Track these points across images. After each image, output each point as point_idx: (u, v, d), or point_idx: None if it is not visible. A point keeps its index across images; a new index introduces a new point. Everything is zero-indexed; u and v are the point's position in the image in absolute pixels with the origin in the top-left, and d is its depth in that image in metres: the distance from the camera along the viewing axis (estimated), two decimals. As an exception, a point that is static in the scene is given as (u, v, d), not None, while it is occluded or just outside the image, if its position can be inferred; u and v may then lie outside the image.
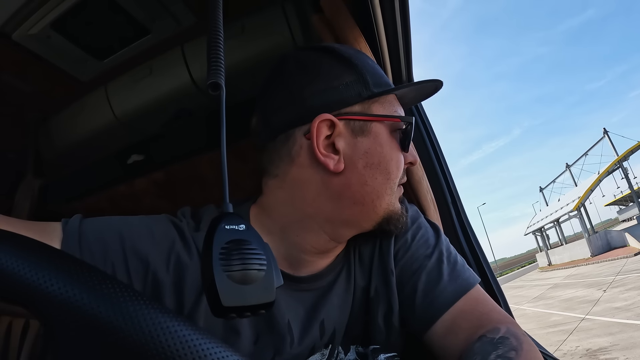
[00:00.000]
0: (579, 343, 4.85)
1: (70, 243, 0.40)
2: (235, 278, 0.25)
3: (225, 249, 0.26)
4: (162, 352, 0.21)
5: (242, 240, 0.27)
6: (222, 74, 0.31)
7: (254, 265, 0.26)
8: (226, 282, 0.24)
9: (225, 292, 0.24)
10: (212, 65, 0.31)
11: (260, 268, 0.26)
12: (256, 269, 0.26)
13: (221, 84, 0.31)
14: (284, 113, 0.47)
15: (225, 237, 0.26)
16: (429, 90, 0.55)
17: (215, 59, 0.31)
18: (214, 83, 0.31)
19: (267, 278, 0.26)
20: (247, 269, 0.26)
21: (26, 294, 0.22)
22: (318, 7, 0.72)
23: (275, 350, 0.48)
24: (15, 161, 1.01)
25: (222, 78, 0.31)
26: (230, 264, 0.25)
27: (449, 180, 0.94)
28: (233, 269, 0.25)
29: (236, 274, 0.25)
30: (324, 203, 0.48)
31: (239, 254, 0.26)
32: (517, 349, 0.41)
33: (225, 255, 0.25)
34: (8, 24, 0.66)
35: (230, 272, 0.25)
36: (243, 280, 0.25)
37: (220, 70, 0.31)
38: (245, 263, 0.26)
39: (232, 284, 0.25)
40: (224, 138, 0.30)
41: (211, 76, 0.31)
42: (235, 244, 0.26)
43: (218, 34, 0.32)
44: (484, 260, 0.87)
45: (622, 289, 7.91)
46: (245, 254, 0.26)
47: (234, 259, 0.25)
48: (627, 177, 20.09)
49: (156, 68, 0.88)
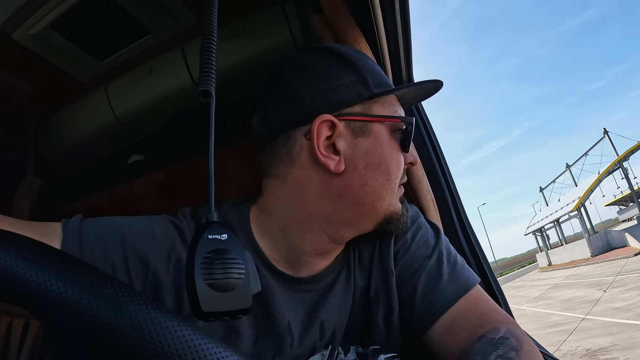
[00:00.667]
0: (579, 343, 4.85)
1: (71, 243, 0.41)
2: (215, 286, 0.27)
3: (207, 258, 0.28)
4: (162, 352, 0.21)
5: (223, 250, 0.29)
6: (212, 81, 0.32)
7: (233, 274, 0.28)
8: (206, 289, 0.27)
9: (205, 298, 0.26)
10: (204, 72, 0.32)
11: (239, 277, 0.28)
12: (235, 278, 0.28)
13: (211, 92, 0.32)
14: (284, 113, 0.47)
15: (207, 246, 0.28)
16: (429, 90, 0.55)
17: (207, 67, 0.32)
18: (204, 91, 0.32)
19: (244, 286, 0.29)
20: (226, 277, 0.28)
21: (26, 294, 0.22)
22: (318, 7, 0.72)
23: (275, 351, 0.48)
24: (15, 161, 1.01)
25: (212, 86, 0.32)
26: (211, 273, 0.27)
27: (449, 180, 0.94)
28: (213, 278, 0.27)
29: (216, 282, 0.27)
30: (324, 204, 0.48)
31: (219, 264, 0.28)
32: (517, 349, 0.41)
33: (207, 265, 0.27)
34: (8, 23, 0.66)
35: (211, 281, 0.27)
36: (222, 288, 0.27)
37: (211, 78, 0.32)
38: (225, 272, 0.28)
39: (212, 291, 0.27)
40: (211, 146, 0.32)
41: (202, 84, 0.32)
42: (216, 254, 0.28)
43: (211, 41, 0.33)
44: (484, 260, 0.87)
45: (622, 289, 7.91)
46: (225, 264, 0.28)
47: (214, 267, 0.27)
48: (627, 177, 20.09)
49: (156, 68, 0.88)
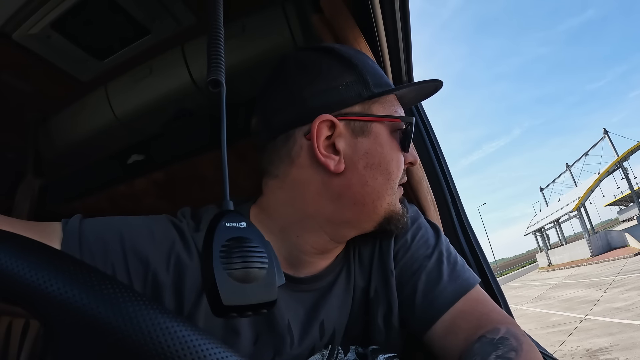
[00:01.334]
0: (579, 343, 4.85)
1: (70, 243, 0.40)
2: (236, 276, 0.24)
3: (225, 246, 0.25)
4: (162, 353, 0.21)
5: (243, 238, 0.26)
6: (222, 70, 0.30)
7: (255, 263, 0.26)
8: (227, 280, 0.24)
9: (226, 291, 0.24)
10: (213, 62, 0.30)
11: (262, 266, 0.26)
12: (257, 267, 0.25)
13: (221, 81, 0.30)
14: (284, 113, 0.47)
15: (225, 235, 0.26)
16: (429, 90, 0.55)
17: (216, 56, 0.31)
18: (214, 80, 0.30)
19: (268, 276, 0.26)
20: (248, 267, 0.25)
21: (26, 294, 0.22)
22: (318, 7, 0.72)
23: (275, 351, 0.47)
24: (15, 161, 1.01)
25: (222, 75, 0.30)
26: (231, 262, 0.25)
27: (449, 180, 0.94)
28: (234, 267, 0.24)
29: (237, 272, 0.24)
30: (324, 203, 0.48)
31: (239, 252, 0.25)
32: (517, 350, 0.41)
33: (226, 254, 0.25)
34: (8, 23, 0.66)
35: (231, 271, 0.24)
36: (244, 279, 0.25)
37: (220, 67, 0.31)
38: (247, 261, 0.25)
39: (233, 282, 0.24)
40: (224, 135, 0.30)
41: (211, 73, 0.30)
42: (236, 242, 0.26)
43: (218, 31, 0.32)
44: (484, 260, 0.87)
45: (622, 289, 7.91)
46: (247, 252, 0.25)
47: (234, 257, 0.25)
48: (627, 177, 20.08)
49: (156, 68, 0.88)
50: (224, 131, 0.30)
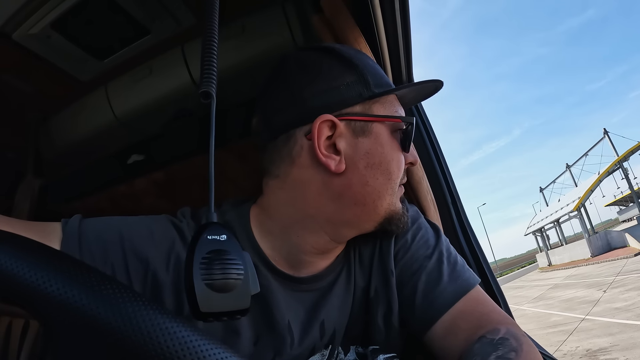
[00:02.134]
0: (579, 343, 4.85)
1: (70, 243, 0.40)
2: (213, 286, 0.27)
3: (206, 258, 0.27)
4: (162, 353, 0.21)
5: (222, 251, 0.28)
6: (213, 83, 0.32)
7: (232, 274, 0.28)
8: (204, 289, 0.26)
9: (203, 299, 0.26)
10: (205, 73, 0.32)
11: (237, 277, 0.28)
12: (233, 278, 0.28)
13: (212, 93, 0.32)
14: (285, 113, 0.47)
15: (207, 247, 0.28)
16: (430, 90, 0.55)
17: (208, 68, 0.32)
18: (205, 92, 0.32)
19: (243, 286, 0.28)
20: (225, 278, 0.27)
21: (25, 294, 0.22)
22: (318, 7, 0.72)
23: (275, 351, 0.47)
24: (15, 161, 1.01)
25: (213, 87, 0.32)
26: (210, 273, 0.27)
27: (449, 180, 0.94)
28: (212, 278, 0.27)
29: (215, 282, 0.27)
30: (325, 203, 0.48)
31: (218, 264, 0.28)
32: (517, 350, 0.41)
33: (206, 265, 0.27)
34: (8, 23, 0.66)
35: (210, 281, 0.27)
36: (220, 289, 0.27)
37: (212, 79, 0.32)
38: (224, 272, 0.28)
39: (210, 291, 0.27)
40: (212, 147, 0.32)
41: (203, 85, 0.32)
42: (215, 254, 0.28)
43: (212, 42, 0.33)
44: (484, 260, 0.87)
45: (622, 289, 7.91)
46: (224, 264, 0.28)
47: (213, 268, 0.27)
48: (627, 177, 20.08)
49: (156, 68, 0.88)
50: (212, 142, 0.32)
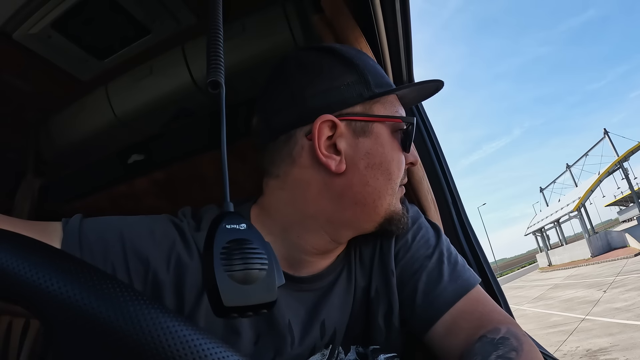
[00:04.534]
0: (579, 343, 4.84)
1: (71, 243, 0.40)
2: (237, 278, 0.25)
3: (226, 248, 0.25)
4: (163, 352, 0.21)
5: (243, 240, 0.26)
6: (221, 72, 0.31)
7: (255, 264, 0.26)
8: (227, 282, 0.24)
9: (226, 292, 0.24)
10: (212, 63, 0.31)
11: (262, 267, 0.26)
12: (257, 269, 0.26)
13: (221, 82, 0.30)
14: (285, 113, 0.47)
15: (226, 236, 0.26)
16: (430, 90, 0.55)
17: (215, 57, 0.31)
18: (213, 81, 0.30)
19: (268, 277, 0.26)
20: (248, 268, 0.25)
21: (26, 293, 0.22)
22: (319, 7, 0.72)
23: (275, 351, 0.47)
24: (15, 161, 1.01)
25: (221, 76, 0.31)
26: (231, 264, 0.25)
27: (449, 180, 0.94)
28: (234, 269, 0.25)
29: (237, 273, 0.25)
30: (325, 204, 0.48)
31: (240, 254, 0.26)
32: (517, 350, 0.41)
33: (227, 255, 0.25)
34: (9, 23, 0.66)
35: (232, 272, 0.25)
36: (244, 280, 0.25)
37: (220, 68, 0.31)
38: (247, 262, 0.26)
39: (234, 283, 0.24)
40: (224, 137, 0.30)
41: (211, 74, 0.30)
42: (236, 244, 0.26)
43: (218, 32, 0.32)
44: (484, 260, 0.87)
45: (622, 289, 7.91)
46: (247, 254, 0.26)
47: (235, 258, 0.25)
48: (627, 177, 20.07)
49: (157, 68, 0.88)
50: (223, 132, 0.30)
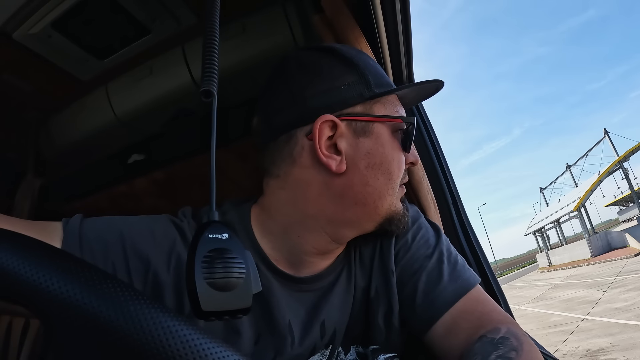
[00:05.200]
0: (579, 343, 4.85)
1: (71, 243, 0.40)
2: (215, 285, 0.27)
3: (207, 257, 0.27)
4: (163, 352, 0.21)
5: (223, 249, 0.28)
6: (214, 81, 0.32)
7: (234, 273, 0.28)
8: (206, 288, 0.26)
9: (205, 298, 0.26)
10: (206, 72, 0.32)
11: (239, 276, 0.28)
12: (235, 277, 0.28)
13: (213, 92, 0.32)
14: (286, 113, 0.47)
15: (208, 245, 0.28)
16: (430, 90, 0.55)
17: (209, 66, 0.32)
18: (206, 91, 0.32)
19: (245, 285, 0.28)
20: (226, 277, 0.27)
21: (27, 293, 0.22)
22: (319, 7, 0.72)
23: (275, 351, 0.47)
24: (16, 161, 1.01)
25: (214, 86, 0.32)
26: (211, 272, 0.27)
27: (449, 180, 0.94)
28: (214, 277, 0.27)
29: (216, 281, 0.27)
30: (325, 203, 0.48)
31: (220, 263, 0.27)
32: (517, 349, 0.41)
33: (208, 264, 0.27)
34: (9, 23, 0.66)
35: (211, 280, 0.27)
36: (222, 287, 0.27)
37: (213, 78, 0.32)
38: (225, 271, 0.27)
39: (212, 290, 0.26)
40: (213, 146, 0.31)
41: (204, 84, 0.32)
42: (217, 253, 0.28)
43: (213, 41, 0.33)
44: (484, 260, 0.87)
45: (622, 289, 7.91)
46: (226, 263, 0.28)
47: (215, 267, 0.27)
48: (627, 177, 20.07)
49: (157, 68, 0.88)
50: (213, 141, 0.32)
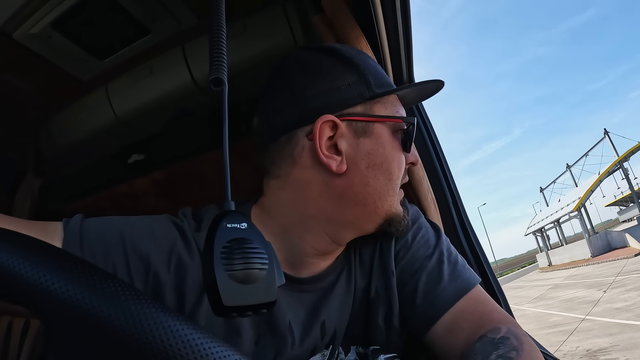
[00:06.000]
0: (579, 343, 4.84)
1: (72, 242, 0.40)
2: (237, 277, 0.24)
3: (226, 247, 0.25)
4: (164, 352, 0.21)
5: (243, 239, 0.26)
6: (224, 69, 0.30)
7: (256, 264, 0.26)
8: (227, 281, 0.24)
9: (226, 291, 0.24)
10: (215, 60, 0.30)
11: (262, 267, 0.26)
12: (258, 268, 0.26)
13: (224, 80, 0.30)
14: (286, 114, 0.47)
15: (226, 235, 0.26)
16: (430, 90, 0.55)
17: (218, 54, 0.30)
18: (216, 79, 0.30)
19: (268, 277, 0.26)
20: (248, 268, 0.25)
21: (27, 292, 0.22)
22: (319, 7, 0.72)
23: (276, 351, 0.47)
24: (16, 161, 1.01)
25: (224, 74, 0.30)
26: (231, 263, 0.25)
27: (449, 180, 0.94)
28: (234, 268, 0.25)
29: (237, 273, 0.25)
30: (326, 204, 0.48)
31: (240, 253, 0.25)
32: (517, 349, 0.41)
33: (227, 254, 0.25)
34: (9, 23, 0.66)
35: (232, 272, 0.24)
36: (244, 280, 0.25)
37: (222, 65, 0.30)
38: (247, 262, 0.25)
39: (234, 283, 0.24)
40: (226, 135, 0.30)
41: (213, 72, 0.30)
42: (236, 243, 0.26)
43: (220, 29, 0.31)
44: (485, 260, 0.87)
45: (622, 289, 7.91)
46: (247, 253, 0.26)
47: (235, 257, 0.25)
48: (627, 177, 20.07)
49: (157, 68, 0.88)
50: (225, 130, 0.30)
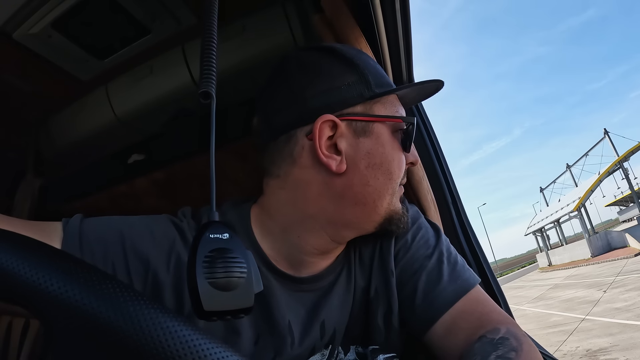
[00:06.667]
0: (579, 344, 4.85)
1: (71, 243, 0.41)
2: (217, 285, 0.27)
3: (208, 257, 0.27)
4: (162, 352, 0.21)
5: (224, 249, 0.28)
6: (213, 83, 0.32)
7: (235, 272, 0.28)
8: (208, 288, 0.26)
9: (206, 297, 0.26)
10: (204, 74, 0.32)
11: (241, 276, 0.28)
12: (237, 277, 0.28)
13: (212, 94, 0.32)
14: (286, 113, 0.47)
15: (209, 245, 0.28)
16: (430, 90, 0.55)
17: (208, 68, 0.32)
18: (204, 92, 0.32)
19: (246, 285, 0.28)
20: (228, 276, 0.27)
21: (26, 293, 0.22)
22: (319, 7, 0.72)
23: (275, 351, 0.47)
24: (16, 161, 1.01)
25: (212, 88, 0.32)
26: (212, 272, 0.27)
27: (449, 180, 0.94)
28: (215, 277, 0.27)
29: (218, 281, 0.27)
30: (325, 204, 0.48)
31: (221, 262, 0.27)
32: (517, 350, 0.41)
33: (209, 263, 0.27)
34: (9, 23, 0.66)
35: (213, 279, 0.27)
36: (224, 287, 0.27)
37: (211, 79, 0.32)
38: (227, 271, 0.27)
39: (214, 290, 0.26)
40: (212, 147, 0.31)
41: (202, 85, 0.32)
42: (218, 253, 0.28)
43: (211, 42, 0.33)
44: (484, 260, 0.87)
45: (622, 289, 7.91)
46: (227, 262, 0.28)
47: (216, 266, 0.27)
48: (627, 177, 20.07)
49: (157, 68, 0.88)
50: (212, 142, 0.32)
